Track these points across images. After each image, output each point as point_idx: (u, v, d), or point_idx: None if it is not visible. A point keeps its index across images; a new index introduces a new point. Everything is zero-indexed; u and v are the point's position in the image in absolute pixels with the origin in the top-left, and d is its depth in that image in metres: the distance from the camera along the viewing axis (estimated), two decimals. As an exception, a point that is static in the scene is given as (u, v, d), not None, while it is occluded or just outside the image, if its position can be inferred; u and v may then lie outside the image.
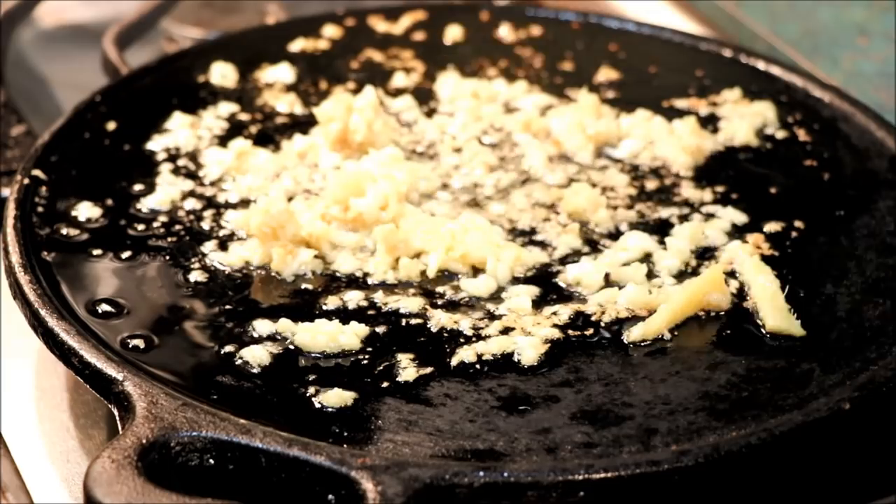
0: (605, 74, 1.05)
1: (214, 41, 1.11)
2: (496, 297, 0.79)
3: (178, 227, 0.85)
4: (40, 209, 0.84)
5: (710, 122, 0.98)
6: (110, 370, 0.68)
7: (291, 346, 0.74)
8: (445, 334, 0.76)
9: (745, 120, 0.98)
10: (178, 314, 0.77)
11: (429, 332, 0.76)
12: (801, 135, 0.97)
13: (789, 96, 1.01)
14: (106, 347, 0.71)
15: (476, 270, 0.81)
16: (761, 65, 1.04)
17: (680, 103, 1.01)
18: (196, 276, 0.80)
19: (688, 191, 0.90)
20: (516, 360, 0.74)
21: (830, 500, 0.69)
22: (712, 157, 0.94)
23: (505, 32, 1.12)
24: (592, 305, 0.78)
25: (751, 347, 0.75)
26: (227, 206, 0.88)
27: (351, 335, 0.75)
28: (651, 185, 0.91)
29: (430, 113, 1.00)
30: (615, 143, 0.95)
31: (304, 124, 0.98)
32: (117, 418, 0.66)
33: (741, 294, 0.79)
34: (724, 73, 1.04)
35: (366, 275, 0.81)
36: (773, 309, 0.77)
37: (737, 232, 0.86)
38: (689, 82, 1.03)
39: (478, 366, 0.73)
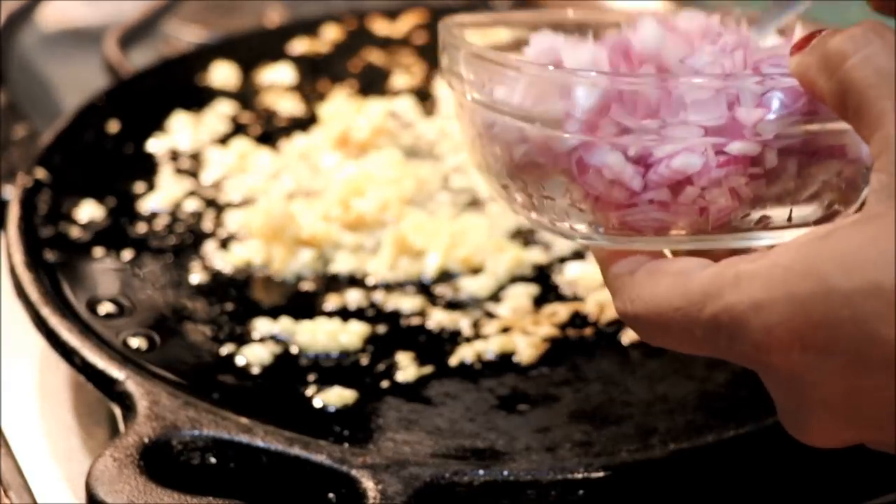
0: (605, 75, 1.05)
1: (215, 42, 1.12)
2: (495, 296, 0.79)
3: (179, 227, 0.86)
4: (43, 209, 0.85)
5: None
6: (112, 369, 0.68)
7: (292, 346, 0.75)
8: (445, 334, 0.76)
9: (743, 120, 0.98)
10: (179, 314, 0.77)
11: (429, 331, 0.76)
12: (800, 135, 0.97)
13: (788, 97, 1.01)
14: (108, 347, 0.71)
15: (475, 270, 0.82)
16: (760, 65, 1.05)
17: (679, 104, 1.01)
18: (197, 275, 0.81)
19: (687, 191, 0.90)
20: (516, 359, 0.74)
21: (830, 498, 0.69)
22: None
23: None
24: (591, 305, 0.78)
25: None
26: (229, 206, 0.88)
27: (351, 335, 0.75)
28: (650, 185, 0.91)
29: (430, 113, 1.00)
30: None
31: (304, 125, 0.98)
32: (119, 417, 0.67)
33: (739, 294, 0.79)
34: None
35: (366, 275, 0.81)
36: (771, 308, 0.77)
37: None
38: (689, 83, 1.04)
39: (477, 365, 0.74)
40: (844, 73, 0.48)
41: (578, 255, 0.83)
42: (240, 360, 0.73)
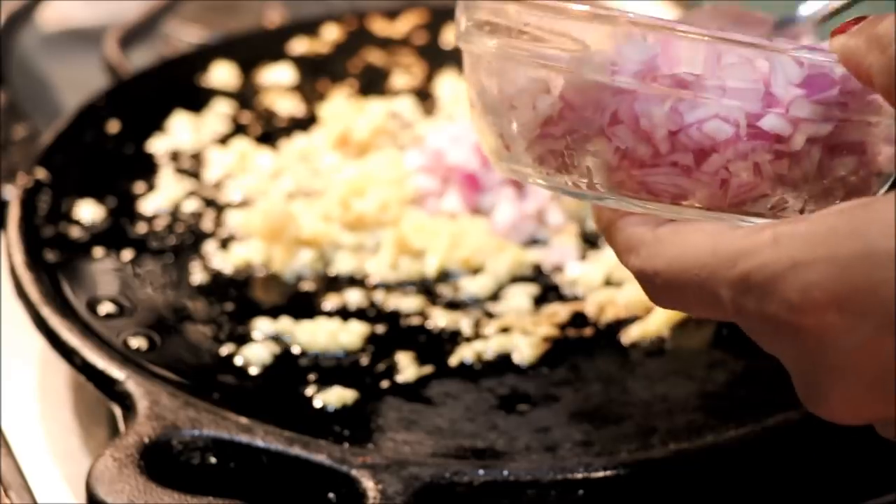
0: (605, 75, 1.05)
1: (215, 42, 1.12)
2: (495, 296, 0.79)
3: (179, 227, 0.86)
4: (43, 210, 0.85)
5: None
6: (112, 369, 0.68)
7: (292, 346, 0.75)
8: (445, 334, 0.76)
9: (743, 120, 0.98)
10: (179, 314, 0.77)
11: (429, 331, 0.77)
12: (800, 135, 0.97)
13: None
14: (108, 347, 0.71)
15: (475, 270, 0.82)
16: (760, 65, 1.05)
17: (679, 104, 1.01)
18: (197, 276, 0.81)
19: (687, 191, 0.90)
20: (516, 359, 0.74)
21: (829, 497, 0.69)
22: (711, 157, 0.94)
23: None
24: (591, 305, 0.78)
25: (749, 347, 0.74)
26: (229, 206, 0.88)
27: (351, 335, 0.75)
28: (650, 185, 0.91)
29: (429, 113, 1.00)
30: (614, 144, 0.95)
31: (304, 125, 0.98)
32: (119, 417, 0.67)
33: (739, 294, 0.79)
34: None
35: (366, 275, 0.81)
36: (771, 308, 0.77)
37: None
38: (688, 83, 1.04)
39: (477, 365, 0.74)
40: None
41: (579, 255, 0.83)
42: (240, 360, 0.73)
